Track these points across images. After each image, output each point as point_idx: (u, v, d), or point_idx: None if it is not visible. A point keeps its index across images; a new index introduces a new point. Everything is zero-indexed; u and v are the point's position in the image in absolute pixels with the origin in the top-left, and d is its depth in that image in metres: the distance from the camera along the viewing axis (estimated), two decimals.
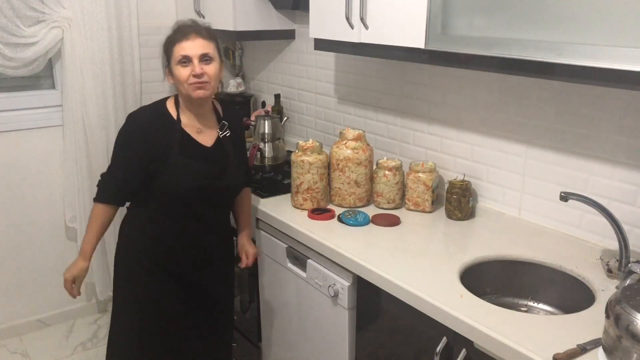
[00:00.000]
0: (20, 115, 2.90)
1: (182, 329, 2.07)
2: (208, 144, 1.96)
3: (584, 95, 1.78)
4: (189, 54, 1.83)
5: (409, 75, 2.34)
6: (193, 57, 1.83)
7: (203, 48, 1.84)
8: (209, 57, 1.86)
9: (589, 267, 1.72)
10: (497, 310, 1.50)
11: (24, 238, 3.03)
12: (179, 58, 1.83)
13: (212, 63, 1.87)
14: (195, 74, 1.82)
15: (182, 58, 1.83)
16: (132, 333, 2.06)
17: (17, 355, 2.96)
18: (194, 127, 1.95)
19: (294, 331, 2.21)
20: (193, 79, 1.83)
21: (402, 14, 1.83)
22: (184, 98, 1.92)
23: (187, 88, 1.85)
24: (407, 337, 1.70)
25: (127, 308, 2.07)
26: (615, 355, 1.22)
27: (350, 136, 2.21)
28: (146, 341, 2.06)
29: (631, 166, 1.71)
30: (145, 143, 1.88)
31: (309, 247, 2.00)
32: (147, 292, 2.02)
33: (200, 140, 1.95)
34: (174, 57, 1.85)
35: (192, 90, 1.84)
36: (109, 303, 3.30)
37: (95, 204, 1.98)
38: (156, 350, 2.06)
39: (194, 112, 1.94)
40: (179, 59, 1.84)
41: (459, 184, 2.08)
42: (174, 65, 1.86)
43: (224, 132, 1.99)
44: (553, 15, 1.46)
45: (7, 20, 2.66)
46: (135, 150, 1.90)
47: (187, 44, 1.83)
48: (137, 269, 2.02)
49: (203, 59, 1.84)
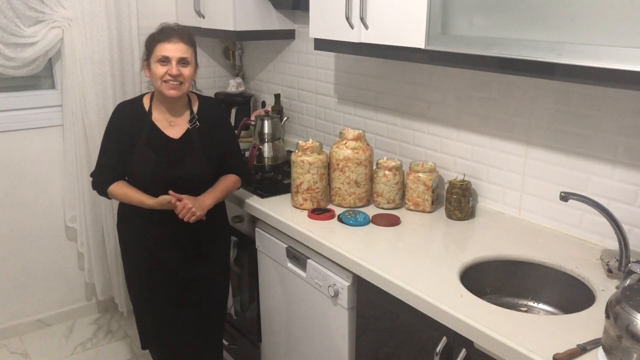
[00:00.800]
0: (20, 115, 2.90)
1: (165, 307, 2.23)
2: (176, 136, 2.11)
3: (584, 95, 1.78)
4: (169, 55, 2.00)
5: (409, 75, 2.34)
6: (172, 59, 2.00)
7: (182, 52, 2.02)
8: (187, 61, 2.03)
9: (589, 267, 1.72)
10: (497, 310, 1.50)
11: (24, 238, 3.03)
12: (159, 57, 2.00)
13: (188, 67, 2.04)
14: (172, 74, 1.99)
15: (162, 57, 2.00)
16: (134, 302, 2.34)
17: (17, 355, 2.96)
18: (165, 121, 2.11)
19: (294, 331, 2.21)
20: (168, 76, 2.00)
21: (402, 14, 1.83)
22: (157, 94, 2.09)
23: (161, 85, 2.02)
24: (407, 337, 1.70)
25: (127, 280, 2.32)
26: (615, 355, 1.22)
27: (350, 136, 2.21)
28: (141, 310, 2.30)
29: (631, 166, 1.71)
30: (120, 132, 2.08)
31: (309, 247, 2.00)
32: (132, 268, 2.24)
33: (168, 133, 2.10)
34: (155, 55, 2.01)
35: (165, 89, 2.02)
36: (109, 303, 3.32)
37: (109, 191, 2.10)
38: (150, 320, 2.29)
39: (165, 107, 2.11)
40: (159, 58, 2.00)
41: (459, 184, 2.08)
42: (153, 62, 2.02)
43: (192, 124, 2.12)
44: (553, 15, 1.46)
45: (7, 20, 2.66)
46: (113, 138, 2.10)
47: (169, 45, 2.00)
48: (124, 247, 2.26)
49: (181, 61, 2.01)
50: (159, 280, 2.18)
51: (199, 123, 2.13)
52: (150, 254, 2.16)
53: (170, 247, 2.15)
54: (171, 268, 2.17)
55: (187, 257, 2.18)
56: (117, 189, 2.09)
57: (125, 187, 2.08)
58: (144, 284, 2.21)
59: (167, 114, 2.11)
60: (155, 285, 2.19)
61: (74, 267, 3.21)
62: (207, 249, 2.22)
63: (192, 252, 2.19)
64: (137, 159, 2.06)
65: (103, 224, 3.06)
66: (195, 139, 2.11)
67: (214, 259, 2.26)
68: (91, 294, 3.28)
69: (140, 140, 2.06)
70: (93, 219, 3.03)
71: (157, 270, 2.17)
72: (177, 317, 2.24)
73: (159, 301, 2.21)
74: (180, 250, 2.16)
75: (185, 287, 2.21)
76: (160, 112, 2.11)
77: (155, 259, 2.16)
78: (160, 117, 2.10)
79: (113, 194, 2.10)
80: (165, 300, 2.21)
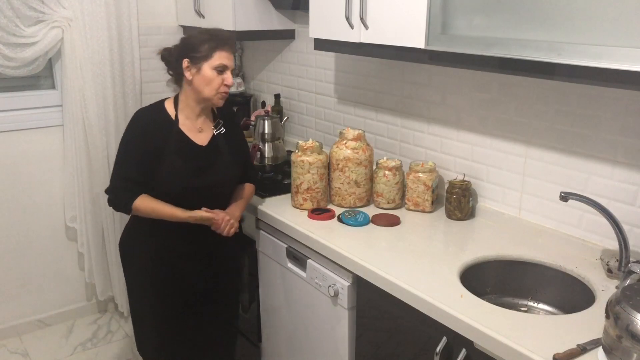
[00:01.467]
0: (20, 115, 2.90)
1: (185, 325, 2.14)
2: (203, 143, 2.03)
3: (584, 95, 1.78)
4: (227, 64, 1.94)
5: (409, 75, 2.34)
6: (229, 68, 1.95)
7: (232, 61, 1.98)
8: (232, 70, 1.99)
9: (589, 267, 1.72)
10: (497, 310, 1.50)
11: (24, 238, 3.03)
12: (218, 65, 1.92)
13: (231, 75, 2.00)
14: (227, 84, 1.94)
15: (220, 66, 1.93)
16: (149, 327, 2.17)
17: (17, 355, 2.96)
18: (193, 127, 2.01)
19: (294, 331, 2.21)
20: (224, 87, 1.95)
21: (402, 14, 1.83)
22: (196, 99, 1.98)
23: (214, 95, 1.95)
24: (407, 337, 1.70)
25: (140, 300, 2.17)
26: (615, 355, 1.22)
27: (350, 136, 2.21)
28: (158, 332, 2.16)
29: (631, 166, 1.70)
30: (146, 141, 1.94)
31: (309, 247, 2.00)
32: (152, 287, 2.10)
33: (196, 140, 2.01)
34: (212, 61, 1.92)
35: (217, 98, 1.96)
36: (109, 303, 3.32)
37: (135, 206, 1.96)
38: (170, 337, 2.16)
39: (196, 113, 2.01)
40: (217, 66, 1.92)
41: (459, 184, 2.08)
42: (208, 68, 1.92)
43: (218, 129, 2.06)
44: (553, 15, 1.46)
45: (7, 20, 2.66)
46: (138, 148, 1.95)
47: (226, 54, 1.95)
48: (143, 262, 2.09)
49: (230, 70, 1.98)
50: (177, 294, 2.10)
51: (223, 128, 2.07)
52: (172, 267, 2.07)
53: (194, 261, 2.09)
54: (192, 281, 2.11)
55: (208, 270, 2.13)
56: (143, 203, 1.95)
57: (152, 201, 1.95)
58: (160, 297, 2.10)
59: (196, 120, 2.02)
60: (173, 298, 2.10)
61: (74, 267, 3.21)
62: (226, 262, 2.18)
63: (214, 265, 2.14)
64: (167, 168, 1.94)
65: (103, 224, 3.06)
66: (222, 145, 2.05)
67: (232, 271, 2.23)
68: (91, 294, 3.28)
69: (168, 149, 1.94)
70: (93, 219, 3.03)
71: (177, 284, 2.09)
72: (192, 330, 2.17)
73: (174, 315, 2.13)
74: (203, 264, 2.11)
75: (203, 300, 2.15)
76: (188, 118, 2.00)
77: (178, 273, 2.08)
78: (187, 123, 2.00)
79: (139, 209, 1.95)
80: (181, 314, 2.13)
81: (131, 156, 1.96)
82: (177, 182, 1.96)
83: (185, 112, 2.00)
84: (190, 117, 2.00)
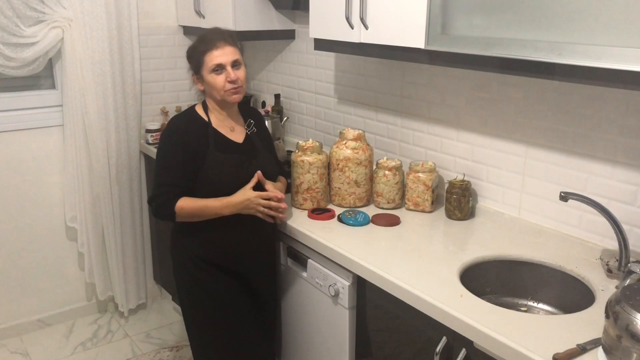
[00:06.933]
0: (20, 115, 2.90)
1: (240, 319, 2.11)
2: (239, 140, 2.06)
3: (584, 95, 1.78)
4: (222, 62, 1.93)
5: (409, 75, 2.34)
6: (226, 65, 1.93)
7: (233, 55, 1.96)
8: (239, 62, 1.97)
9: (589, 267, 1.73)
10: (497, 310, 1.50)
11: (24, 238, 3.03)
12: (213, 67, 1.93)
13: (241, 67, 1.98)
14: (231, 80, 1.93)
15: (215, 67, 1.93)
16: (203, 328, 2.11)
17: (17, 355, 2.97)
18: (226, 127, 2.05)
19: (294, 331, 2.21)
20: (229, 85, 1.94)
21: (402, 14, 1.83)
22: (217, 102, 2.02)
23: (224, 94, 1.95)
24: (407, 337, 1.70)
25: (192, 306, 2.11)
26: (615, 355, 1.22)
27: (350, 136, 2.21)
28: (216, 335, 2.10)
29: (631, 166, 1.71)
30: (185, 145, 1.94)
31: (309, 247, 2.00)
32: (204, 290, 2.05)
33: (232, 138, 2.04)
34: (206, 66, 1.94)
35: (228, 95, 1.96)
36: (109, 303, 3.32)
37: (179, 207, 1.93)
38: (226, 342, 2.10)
39: (225, 114, 2.05)
40: (212, 68, 1.93)
41: (459, 184, 2.08)
42: (207, 74, 1.94)
43: (250, 129, 2.10)
44: (553, 15, 1.46)
45: (7, 20, 2.66)
46: (178, 153, 1.94)
47: (218, 52, 1.93)
48: (192, 268, 2.04)
49: (234, 65, 1.95)
50: (236, 299, 2.07)
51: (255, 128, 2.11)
52: (227, 272, 2.04)
53: (249, 260, 2.07)
54: (247, 282, 2.08)
55: (260, 268, 2.12)
56: (186, 203, 1.93)
57: (194, 201, 1.94)
58: (225, 308, 2.06)
59: (227, 120, 2.05)
60: (235, 304, 2.08)
61: (74, 267, 3.21)
62: (271, 258, 2.17)
63: (263, 262, 2.12)
64: (212, 164, 1.94)
65: (103, 224, 3.06)
66: (257, 143, 2.09)
67: (273, 268, 2.21)
68: (91, 294, 3.29)
69: (210, 148, 1.96)
70: (93, 219, 3.03)
71: (235, 289, 2.07)
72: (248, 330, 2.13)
73: (236, 322, 2.09)
74: (256, 261, 2.09)
75: (254, 299, 2.13)
76: (219, 120, 2.03)
77: (237, 277, 2.06)
78: (220, 124, 2.03)
79: (183, 209, 1.92)
80: (239, 318, 2.10)
81: (173, 162, 1.95)
82: (226, 172, 1.96)
83: (215, 114, 2.04)
84: (220, 118, 2.04)
